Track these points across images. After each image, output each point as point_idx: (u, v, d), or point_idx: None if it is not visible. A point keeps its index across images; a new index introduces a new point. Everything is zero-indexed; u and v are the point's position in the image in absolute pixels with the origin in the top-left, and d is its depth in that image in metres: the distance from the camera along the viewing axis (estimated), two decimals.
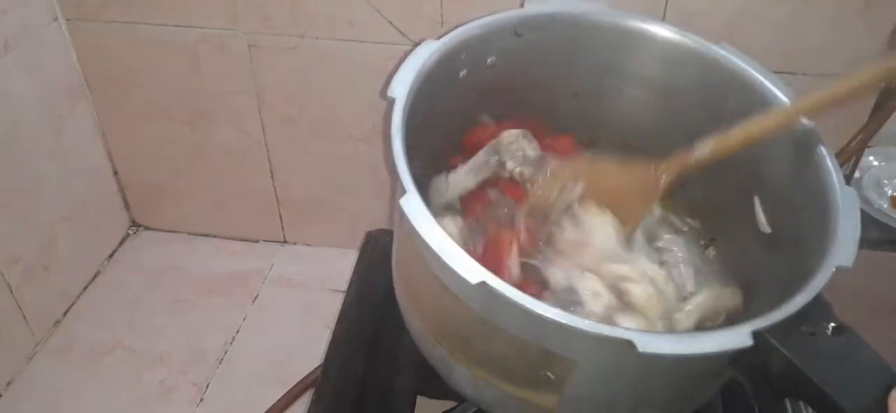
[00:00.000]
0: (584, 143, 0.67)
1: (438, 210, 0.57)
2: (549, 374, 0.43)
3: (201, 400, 0.83)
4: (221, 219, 1.03)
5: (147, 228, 1.07)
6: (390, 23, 0.78)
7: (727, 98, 0.57)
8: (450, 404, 0.65)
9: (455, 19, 0.77)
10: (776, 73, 0.55)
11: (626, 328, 0.43)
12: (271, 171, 0.96)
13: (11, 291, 0.83)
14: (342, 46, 0.81)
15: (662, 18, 0.72)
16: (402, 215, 0.41)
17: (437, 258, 0.39)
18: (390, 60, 0.81)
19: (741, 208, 0.56)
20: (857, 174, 0.88)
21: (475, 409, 0.62)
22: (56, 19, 0.85)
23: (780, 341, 0.38)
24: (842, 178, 0.48)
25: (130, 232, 1.06)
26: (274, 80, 0.86)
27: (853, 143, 0.75)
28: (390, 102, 0.47)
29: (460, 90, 0.56)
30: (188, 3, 0.81)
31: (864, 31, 0.70)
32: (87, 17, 0.85)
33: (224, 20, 0.82)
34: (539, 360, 0.42)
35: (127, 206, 1.05)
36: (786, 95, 0.53)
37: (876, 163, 0.86)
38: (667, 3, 0.72)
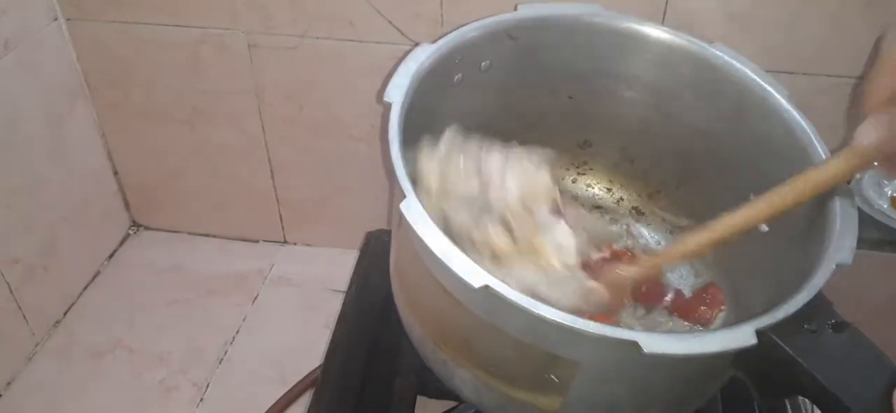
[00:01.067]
0: (578, 145, 0.67)
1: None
2: (552, 376, 0.43)
3: (201, 400, 0.83)
4: (221, 219, 1.03)
5: (147, 228, 1.07)
6: (390, 23, 0.78)
7: (722, 99, 0.57)
8: (450, 404, 0.65)
9: (454, 19, 0.77)
10: (775, 72, 0.55)
11: (631, 330, 0.43)
12: (271, 172, 0.96)
13: (11, 291, 0.83)
14: (342, 46, 0.81)
15: (662, 18, 0.73)
16: (402, 219, 0.41)
17: (439, 262, 0.39)
18: (390, 60, 0.81)
19: (736, 207, 0.56)
20: (856, 174, 0.88)
21: (475, 409, 0.62)
22: (56, 19, 0.85)
23: (784, 339, 0.38)
24: None
25: (130, 232, 1.06)
26: (274, 80, 0.86)
27: None
28: (386, 107, 0.46)
29: (455, 94, 0.55)
30: (188, 2, 0.81)
31: (865, 30, 0.70)
32: (87, 17, 0.85)
33: (224, 20, 0.82)
34: (542, 362, 0.42)
35: (127, 206, 1.05)
36: (780, 95, 0.53)
37: (876, 163, 0.86)
38: (666, 3, 0.72)
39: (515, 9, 0.57)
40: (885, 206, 0.83)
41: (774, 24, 0.72)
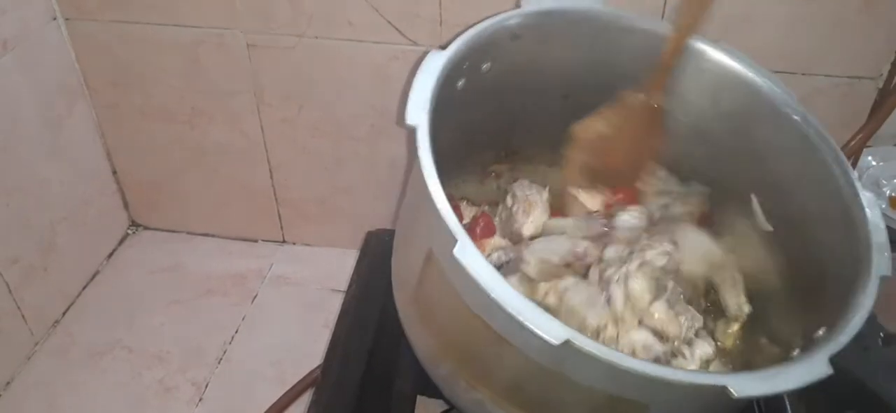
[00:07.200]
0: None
1: None
2: None
3: (200, 400, 0.83)
4: (221, 219, 1.03)
5: (146, 228, 1.07)
6: (389, 22, 0.78)
7: (725, 99, 0.56)
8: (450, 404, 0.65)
9: (453, 19, 0.77)
10: (777, 72, 0.55)
11: (718, 374, 0.41)
12: (270, 171, 0.96)
13: (11, 291, 0.83)
14: (341, 46, 0.81)
15: (661, 16, 0.73)
16: (433, 258, 0.38)
17: (509, 318, 0.35)
18: (390, 60, 0.81)
19: (741, 208, 0.56)
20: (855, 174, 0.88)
21: None
22: (55, 19, 0.85)
23: (845, 361, 0.38)
24: (855, 178, 0.46)
25: (130, 232, 1.06)
26: (273, 80, 0.86)
27: (852, 143, 0.75)
28: (411, 132, 0.41)
29: (457, 100, 0.52)
30: (187, 2, 0.81)
31: (865, 30, 0.70)
32: (86, 17, 0.85)
33: (223, 20, 0.82)
34: (606, 406, 0.40)
35: (126, 206, 1.05)
36: (784, 92, 0.52)
37: (874, 163, 0.86)
38: (665, 2, 0.72)
39: (517, 5, 0.54)
40: (885, 206, 0.83)
41: (774, 24, 0.72)
